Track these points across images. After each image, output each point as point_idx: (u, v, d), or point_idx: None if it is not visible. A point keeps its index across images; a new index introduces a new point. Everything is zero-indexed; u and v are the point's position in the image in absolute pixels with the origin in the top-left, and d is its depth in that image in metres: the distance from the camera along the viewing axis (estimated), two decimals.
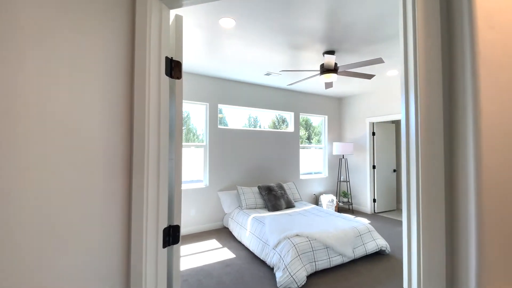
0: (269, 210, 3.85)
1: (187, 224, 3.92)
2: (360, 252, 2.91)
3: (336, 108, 5.98)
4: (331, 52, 3.04)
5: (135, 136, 0.96)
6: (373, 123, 5.42)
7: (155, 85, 1.00)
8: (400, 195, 5.72)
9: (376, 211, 5.35)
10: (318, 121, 5.91)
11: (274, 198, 3.95)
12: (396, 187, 5.79)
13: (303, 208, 4.05)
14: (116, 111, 0.94)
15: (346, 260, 2.79)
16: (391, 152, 5.65)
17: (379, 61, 2.66)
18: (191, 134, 4.32)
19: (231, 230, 3.79)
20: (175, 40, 1.12)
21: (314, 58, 3.34)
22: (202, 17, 2.34)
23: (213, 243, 3.53)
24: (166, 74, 1.05)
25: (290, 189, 4.57)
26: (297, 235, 2.73)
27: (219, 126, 4.33)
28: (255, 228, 3.22)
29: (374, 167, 5.41)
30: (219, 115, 4.50)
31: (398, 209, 5.69)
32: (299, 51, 3.10)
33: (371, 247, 3.00)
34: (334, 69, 3.05)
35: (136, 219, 0.95)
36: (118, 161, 0.94)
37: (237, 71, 3.92)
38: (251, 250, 3.11)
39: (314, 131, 5.93)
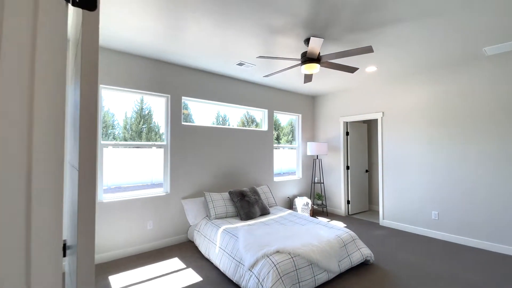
0: (242, 219, 3.37)
1: (142, 240, 3.25)
2: (345, 265, 2.59)
3: (310, 106, 5.74)
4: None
5: None
6: (347, 122, 5.28)
7: (20, 11, 0.46)
8: (373, 196, 5.68)
9: (350, 213, 5.21)
10: (286, 121, 5.57)
11: (248, 205, 3.49)
12: (369, 187, 5.74)
13: (280, 214, 3.65)
14: None
15: (331, 276, 2.43)
16: (364, 152, 5.57)
17: (369, 49, 2.36)
18: (153, 133, 3.67)
19: (197, 245, 3.22)
20: None
21: (294, 47, 2.95)
22: None
23: (175, 263, 2.93)
24: None
25: (264, 193, 4.15)
26: (277, 251, 2.30)
27: (183, 123, 3.73)
28: (226, 243, 2.71)
29: (348, 167, 5.26)
30: (184, 111, 3.90)
31: (371, 210, 5.63)
32: (277, 36, 2.68)
33: (356, 258, 2.70)
34: (317, 59, 2.69)
35: None
36: None
37: (205, 58, 3.37)
38: (221, 270, 2.60)
39: (283, 132, 5.61)
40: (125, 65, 3.18)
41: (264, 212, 3.64)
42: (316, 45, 2.30)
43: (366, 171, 5.61)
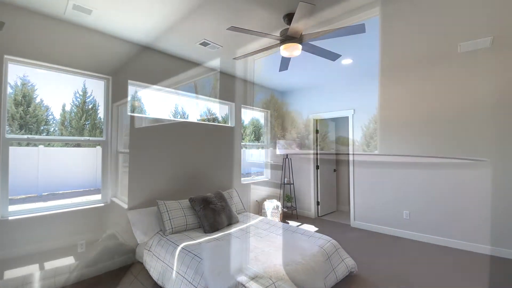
0: (206, 232, 2.78)
1: (70, 267, 2.42)
2: (331, 281, 2.21)
3: (279, 102, 5.38)
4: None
5: None
6: (317, 120, 5.05)
7: None
8: (341, 196, 5.56)
9: (319, 215, 4.98)
10: (248, 120, 5.10)
11: (213, 214, 2.90)
12: (336, 187, 5.61)
13: (250, 222, 3.15)
14: None
15: None
16: (332, 151, 5.41)
17: (361, 29, 2.02)
18: (98, 131, 2.91)
19: (147, 269, 2.52)
20: None
21: (272, 24, 2.49)
22: None
23: None
24: None
25: (232, 198, 3.60)
26: (256, 276, 1.79)
27: (130, 114, 2.97)
28: (186, 267, 2.10)
29: (317, 167, 5.03)
30: (136, 103, 3.15)
31: (338, 210, 5.51)
32: (251, 7, 2.18)
33: (341, 272, 2.35)
34: (298, 39, 2.27)
35: None
36: None
37: (158, 31, 2.69)
38: None
39: (245, 132, 5.14)
40: (45, 32, 2.32)
41: (233, 221, 3.09)
42: (303, 15, 1.86)
43: (334, 170, 5.47)
